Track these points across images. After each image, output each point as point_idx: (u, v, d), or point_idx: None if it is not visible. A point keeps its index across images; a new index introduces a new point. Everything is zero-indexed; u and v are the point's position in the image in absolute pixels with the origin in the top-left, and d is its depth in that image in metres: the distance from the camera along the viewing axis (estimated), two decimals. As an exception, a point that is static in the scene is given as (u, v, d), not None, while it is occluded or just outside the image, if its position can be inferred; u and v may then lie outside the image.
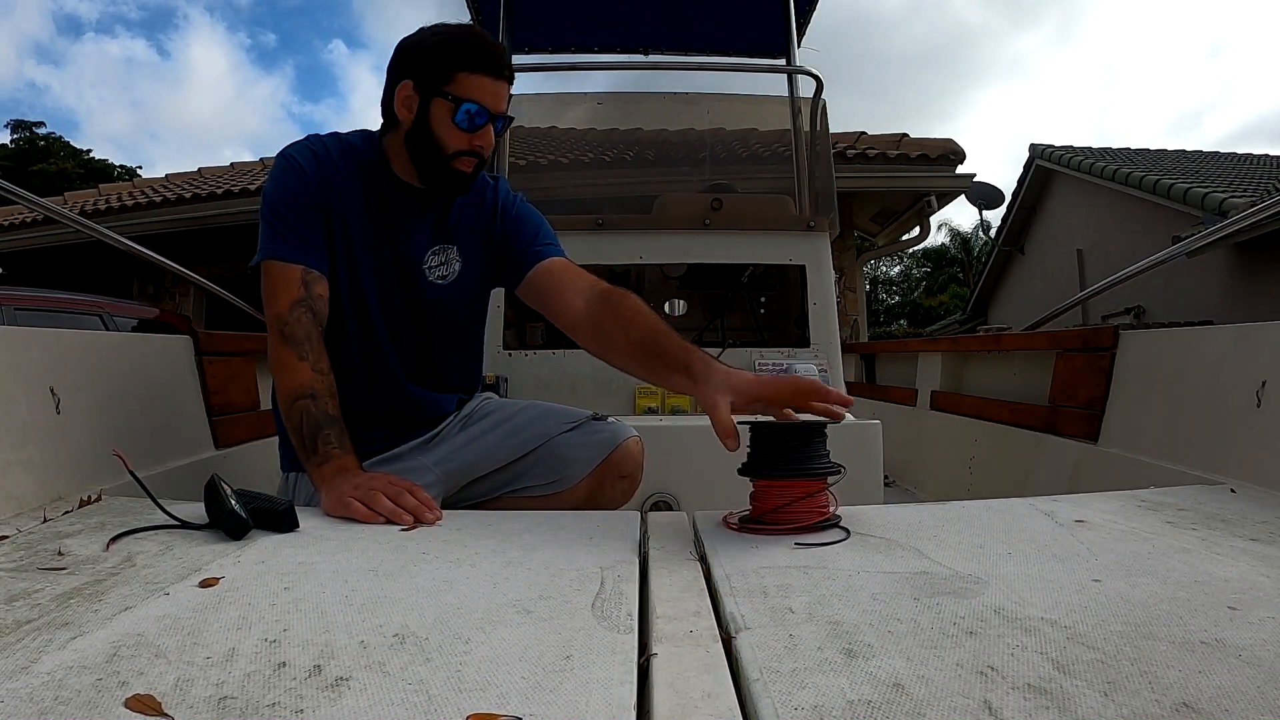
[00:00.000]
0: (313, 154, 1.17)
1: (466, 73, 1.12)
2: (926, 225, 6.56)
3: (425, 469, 1.24)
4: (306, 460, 1.05)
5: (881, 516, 0.90)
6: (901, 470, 2.62)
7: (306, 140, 1.21)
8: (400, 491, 0.94)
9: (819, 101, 2.13)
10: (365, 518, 0.91)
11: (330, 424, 1.05)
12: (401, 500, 0.93)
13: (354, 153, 1.20)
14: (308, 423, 1.05)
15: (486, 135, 1.16)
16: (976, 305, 13.75)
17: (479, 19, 2.56)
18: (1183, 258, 1.96)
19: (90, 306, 4.27)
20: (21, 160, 17.51)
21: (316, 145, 1.19)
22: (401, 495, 0.94)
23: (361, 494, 0.93)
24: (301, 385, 1.07)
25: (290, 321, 1.09)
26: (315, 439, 1.04)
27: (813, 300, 1.97)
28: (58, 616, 0.59)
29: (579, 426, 1.31)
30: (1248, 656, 0.50)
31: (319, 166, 1.17)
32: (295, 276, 1.12)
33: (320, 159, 1.17)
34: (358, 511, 0.92)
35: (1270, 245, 6.72)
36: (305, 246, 1.14)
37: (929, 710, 0.44)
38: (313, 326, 1.11)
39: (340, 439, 1.05)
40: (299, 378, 1.07)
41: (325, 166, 1.17)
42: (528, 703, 0.45)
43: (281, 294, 1.10)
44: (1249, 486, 1.04)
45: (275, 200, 1.15)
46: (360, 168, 1.19)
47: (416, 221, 1.23)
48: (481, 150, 1.17)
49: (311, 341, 1.10)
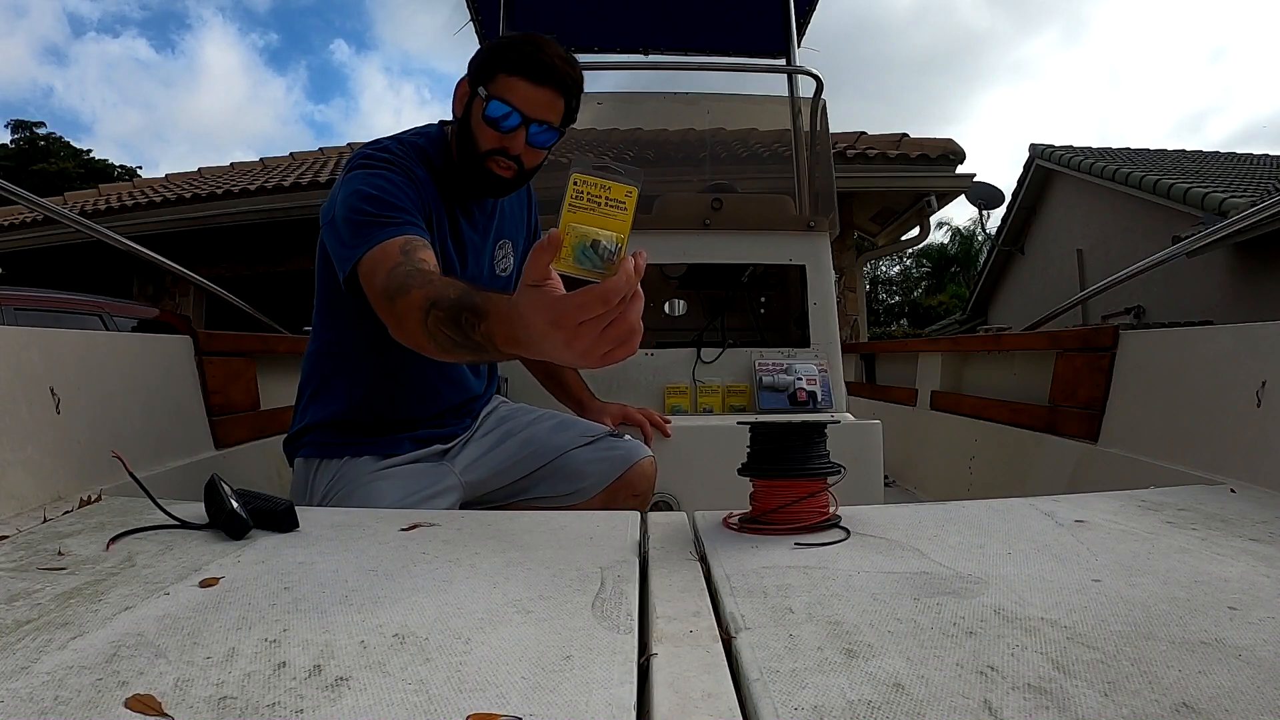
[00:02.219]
0: (391, 155, 1.15)
1: (505, 74, 1.13)
2: (926, 225, 6.56)
3: (448, 473, 1.27)
4: (490, 354, 0.83)
5: (881, 516, 0.89)
6: (901, 470, 2.62)
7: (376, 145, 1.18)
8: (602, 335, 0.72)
9: (819, 101, 2.13)
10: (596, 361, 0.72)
11: (459, 305, 0.84)
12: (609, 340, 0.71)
13: (422, 154, 1.20)
14: (448, 324, 0.84)
15: (517, 139, 1.15)
16: (976, 305, 13.75)
17: (479, 19, 2.56)
18: (1183, 258, 1.96)
19: (90, 306, 4.27)
20: (22, 160, 17.51)
21: (393, 147, 1.17)
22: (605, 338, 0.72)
23: (584, 357, 0.72)
24: (419, 307, 0.88)
25: (388, 284, 0.95)
26: (464, 330, 0.82)
27: (813, 300, 1.97)
28: (58, 616, 0.59)
29: (595, 441, 1.33)
30: (1248, 656, 0.50)
31: (403, 165, 1.14)
32: (391, 249, 0.99)
33: (400, 159, 1.14)
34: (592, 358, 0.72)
35: (1270, 245, 6.72)
36: (398, 221, 1.03)
37: (929, 710, 0.44)
38: (412, 270, 0.95)
39: (475, 305, 0.82)
40: (412, 307, 0.89)
41: (408, 164, 1.15)
42: (528, 703, 0.45)
43: (380, 271, 0.97)
44: (1249, 486, 1.04)
45: (361, 200, 1.05)
46: (431, 168, 1.20)
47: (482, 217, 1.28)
48: (511, 150, 1.16)
49: (413, 276, 0.93)
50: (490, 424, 1.38)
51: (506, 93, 1.13)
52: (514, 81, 1.13)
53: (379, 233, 1.01)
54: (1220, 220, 5.65)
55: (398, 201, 1.06)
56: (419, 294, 0.89)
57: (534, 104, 1.13)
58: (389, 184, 1.08)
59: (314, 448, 1.26)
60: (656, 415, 1.60)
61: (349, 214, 1.06)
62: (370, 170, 1.11)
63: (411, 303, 0.89)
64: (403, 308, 0.91)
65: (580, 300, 0.69)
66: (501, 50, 1.15)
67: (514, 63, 1.13)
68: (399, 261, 0.97)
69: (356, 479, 1.21)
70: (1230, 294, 7.64)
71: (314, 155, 8.31)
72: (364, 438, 1.25)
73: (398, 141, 1.20)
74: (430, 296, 0.88)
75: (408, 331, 0.92)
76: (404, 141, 1.20)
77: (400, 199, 1.07)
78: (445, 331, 0.85)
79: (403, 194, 1.08)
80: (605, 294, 0.69)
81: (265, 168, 8.11)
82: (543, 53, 1.14)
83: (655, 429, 1.57)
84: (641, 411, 1.58)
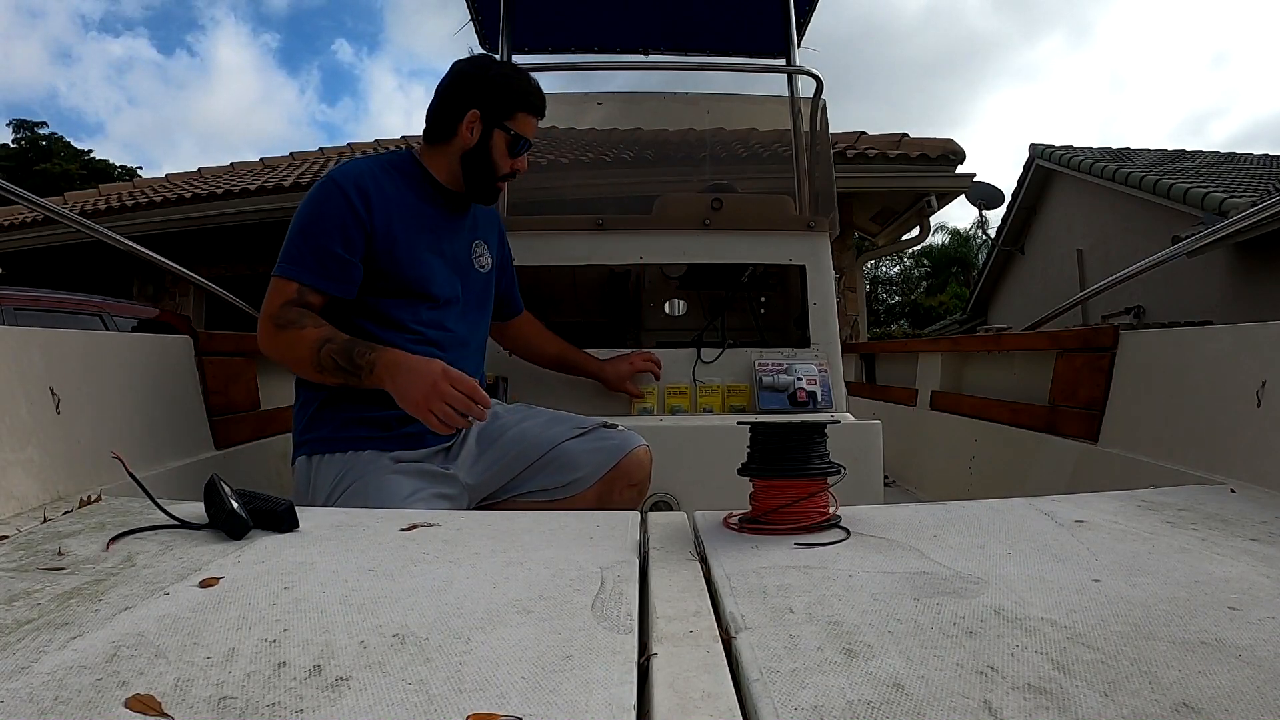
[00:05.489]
0: (357, 176, 1.31)
1: (525, 114, 1.39)
2: (926, 225, 6.56)
3: (454, 480, 1.31)
4: (362, 378, 1.19)
5: (881, 516, 0.89)
6: (901, 470, 2.62)
7: (348, 164, 1.36)
8: (456, 402, 1.14)
9: (819, 101, 2.13)
10: (440, 430, 1.16)
11: (352, 344, 1.20)
12: (459, 405, 1.15)
13: (398, 170, 1.38)
14: (339, 354, 1.19)
15: (523, 161, 1.42)
16: (976, 305, 13.76)
17: (478, 19, 2.55)
18: (1183, 258, 1.96)
19: (90, 306, 4.27)
20: (22, 160, 17.51)
21: (361, 168, 1.34)
22: (457, 404, 1.15)
23: (430, 409, 1.14)
24: (313, 340, 1.20)
25: (279, 315, 1.23)
26: (351, 358, 1.19)
27: (813, 300, 1.97)
28: (58, 616, 0.59)
29: (589, 433, 1.35)
30: (1248, 656, 0.50)
31: (362, 189, 1.30)
32: (292, 288, 1.25)
33: (364, 181, 1.31)
34: (434, 425, 1.15)
35: (1270, 245, 6.73)
36: (314, 268, 1.26)
37: (929, 710, 0.44)
38: (305, 311, 1.24)
39: (368, 346, 1.20)
40: (306, 339, 1.21)
41: (369, 187, 1.31)
42: (528, 703, 0.45)
43: (275, 299, 1.25)
44: (1249, 486, 1.04)
45: (305, 224, 1.28)
46: (409, 181, 1.38)
47: (460, 220, 1.45)
48: (519, 171, 1.42)
49: (305, 316, 1.23)
50: (481, 427, 1.39)
51: (526, 129, 1.39)
52: (531, 120, 1.40)
53: (292, 269, 1.25)
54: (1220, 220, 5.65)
55: (321, 237, 1.26)
56: (312, 331, 1.21)
57: (534, 132, 1.42)
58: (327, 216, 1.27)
59: (315, 444, 1.28)
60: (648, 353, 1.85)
61: (294, 228, 1.29)
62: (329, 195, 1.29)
63: (305, 335, 1.21)
64: (294, 336, 1.21)
65: (465, 387, 1.15)
66: (516, 93, 1.38)
67: (530, 104, 1.39)
68: (290, 299, 1.24)
69: (366, 471, 1.23)
70: (1230, 294, 7.64)
71: (314, 155, 8.30)
72: (363, 430, 1.28)
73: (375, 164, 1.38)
74: (323, 335, 1.21)
75: (285, 349, 1.23)
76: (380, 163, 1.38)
77: (325, 237, 1.26)
78: (335, 359, 1.19)
79: (335, 229, 1.27)
80: (477, 399, 1.16)
81: (265, 168, 8.10)
82: (539, 91, 1.42)
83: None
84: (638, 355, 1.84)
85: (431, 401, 1.14)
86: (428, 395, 1.14)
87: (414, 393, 1.15)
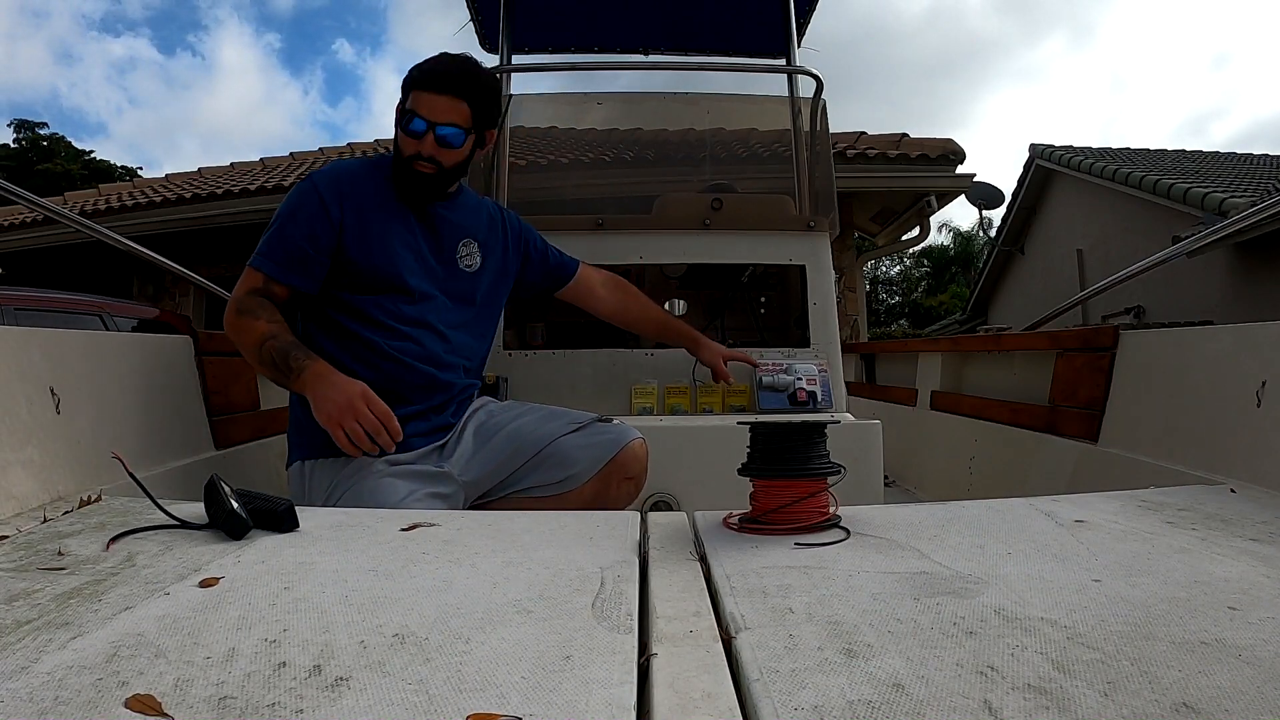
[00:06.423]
0: (335, 177, 1.35)
1: (416, 90, 1.33)
2: (926, 225, 6.55)
3: (449, 478, 1.30)
4: (289, 381, 1.22)
5: (881, 516, 0.90)
6: (901, 470, 2.62)
7: (331, 165, 1.39)
8: (367, 423, 1.16)
9: (819, 101, 2.13)
10: (348, 449, 1.18)
11: (293, 346, 1.23)
12: (370, 427, 1.17)
13: (382, 171, 1.39)
14: (277, 352, 1.22)
15: (427, 142, 1.32)
16: (976, 305, 13.75)
17: (478, 19, 2.55)
18: (1183, 258, 1.96)
19: (90, 306, 4.27)
20: (24, 160, 17.50)
21: (342, 169, 1.38)
22: (368, 425, 1.16)
23: (341, 424, 1.16)
24: (261, 333, 1.24)
25: (242, 300, 1.28)
26: (286, 359, 1.21)
27: (813, 300, 1.97)
28: (58, 616, 0.59)
29: (584, 428, 1.35)
30: (1248, 656, 0.50)
31: (337, 188, 1.33)
32: (258, 278, 1.30)
33: (341, 180, 1.34)
34: (342, 442, 1.17)
35: (1270, 245, 6.72)
36: (281, 260, 1.30)
37: (929, 710, 0.44)
38: (265, 303, 1.28)
39: (306, 353, 1.23)
40: (255, 330, 1.25)
41: (345, 186, 1.34)
42: (528, 703, 0.45)
43: (242, 287, 1.30)
44: (1249, 486, 1.04)
45: (279, 219, 1.32)
46: (390, 181, 1.38)
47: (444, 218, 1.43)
48: (424, 152, 1.33)
49: (263, 308, 1.27)
50: (476, 424, 1.39)
51: (417, 105, 1.32)
52: (421, 95, 1.32)
53: (262, 261, 1.30)
54: (1220, 220, 5.65)
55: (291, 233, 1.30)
56: (264, 325, 1.25)
57: (437, 110, 1.31)
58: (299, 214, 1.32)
59: (307, 448, 1.28)
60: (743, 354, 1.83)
61: (273, 222, 1.33)
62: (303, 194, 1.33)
63: (256, 326, 1.25)
64: (248, 323, 1.26)
65: (379, 412, 1.18)
66: (412, 70, 1.35)
67: (419, 79, 1.33)
68: (255, 288, 1.29)
69: (360, 475, 1.23)
70: (1230, 294, 7.63)
71: (314, 155, 8.30)
72: None
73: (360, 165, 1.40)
74: (271, 331, 1.25)
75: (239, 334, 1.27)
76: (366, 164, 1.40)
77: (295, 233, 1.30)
78: (274, 355, 1.22)
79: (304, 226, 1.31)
80: (390, 428, 1.18)
81: (265, 168, 8.10)
82: (439, 65, 1.34)
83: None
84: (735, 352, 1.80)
85: (344, 418, 1.16)
86: (342, 411, 1.16)
87: (329, 406, 1.17)
